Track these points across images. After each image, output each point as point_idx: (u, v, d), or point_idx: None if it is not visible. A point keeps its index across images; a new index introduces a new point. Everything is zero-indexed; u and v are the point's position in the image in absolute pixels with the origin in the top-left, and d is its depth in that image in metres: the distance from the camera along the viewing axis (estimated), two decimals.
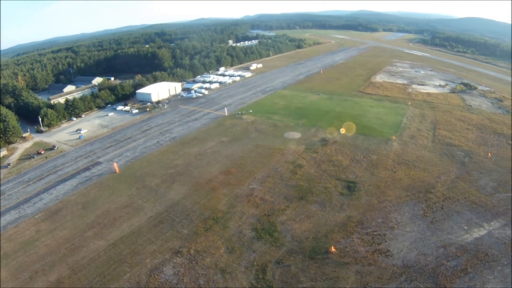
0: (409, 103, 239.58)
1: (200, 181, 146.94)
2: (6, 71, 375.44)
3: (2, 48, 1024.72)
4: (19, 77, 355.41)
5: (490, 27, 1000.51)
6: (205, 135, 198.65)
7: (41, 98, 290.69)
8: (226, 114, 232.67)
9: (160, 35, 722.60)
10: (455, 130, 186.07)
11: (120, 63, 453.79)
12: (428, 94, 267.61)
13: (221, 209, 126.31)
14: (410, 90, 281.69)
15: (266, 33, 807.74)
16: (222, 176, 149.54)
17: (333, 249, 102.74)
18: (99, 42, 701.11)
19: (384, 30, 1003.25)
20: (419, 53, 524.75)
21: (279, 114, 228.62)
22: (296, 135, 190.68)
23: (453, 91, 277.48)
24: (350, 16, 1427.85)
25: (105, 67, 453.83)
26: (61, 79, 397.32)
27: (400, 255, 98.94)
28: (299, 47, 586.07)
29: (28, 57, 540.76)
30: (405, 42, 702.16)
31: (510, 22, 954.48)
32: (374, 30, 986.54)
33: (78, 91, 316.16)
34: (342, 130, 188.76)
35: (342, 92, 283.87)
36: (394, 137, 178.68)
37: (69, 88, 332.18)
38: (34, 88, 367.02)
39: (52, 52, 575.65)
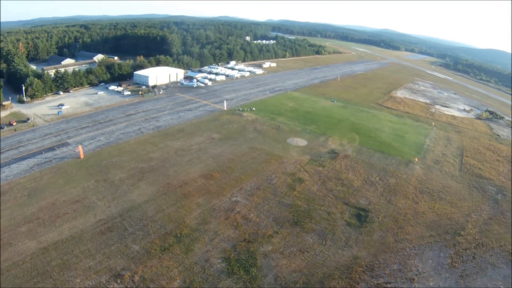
0: (433, 124, 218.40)
1: (173, 182, 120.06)
2: (10, 38, 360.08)
3: (22, 19, 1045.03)
4: (20, 44, 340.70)
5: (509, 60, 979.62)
6: (195, 128, 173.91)
7: (37, 67, 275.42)
8: (225, 108, 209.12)
9: (178, 24, 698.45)
10: (484, 160, 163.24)
11: (128, 44, 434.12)
12: (453, 117, 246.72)
13: (189, 223, 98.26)
14: (433, 110, 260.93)
15: (286, 36, 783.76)
16: (201, 180, 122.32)
17: None
18: (116, 23, 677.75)
19: (406, 49, 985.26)
20: (441, 76, 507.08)
21: (285, 116, 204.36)
22: (301, 142, 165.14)
23: (478, 117, 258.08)
24: (373, 33, 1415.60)
25: (112, 45, 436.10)
26: (64, 52, 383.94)
27: None
28: (318, 52, 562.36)
29: (43, 28, 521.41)
30: (426, 64, 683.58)
31: None
32: (396, 48, 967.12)
33: (76, 65, 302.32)
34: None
35: (358, 102, 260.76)
36: (416, 160, 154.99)
37: (68, 61, 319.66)
38: (35, 58, 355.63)
39: (67, 27, 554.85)
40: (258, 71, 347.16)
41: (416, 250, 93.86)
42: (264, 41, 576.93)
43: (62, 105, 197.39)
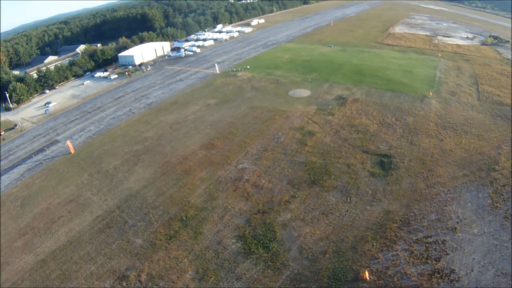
0: (440, 55, 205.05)
1: (172, 159, 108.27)
2: None
3: (4, 30, 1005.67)
4: (0, 54, 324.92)
5: None
6: (188, 98, 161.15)
7: (20, 72, 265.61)
8: (218, 72, 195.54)
9: (158, 1, 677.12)
10: (501, 86, 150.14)
11: (110, 29, 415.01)
12: (458, 46, 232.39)
13: (194, 203, 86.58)
14: (436, 41, 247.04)
15: None
16: (201, 152, 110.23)
17: (366, 275, 63.07)
18: (96, 12, 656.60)
19: None
20: (436, 7, 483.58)
21: (282, 68, 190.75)
22: (305, 92, 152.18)
23: (484, 43, 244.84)
24: None
25: (94, 34, 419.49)
26: (46, 50, 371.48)
27: (471, 279, 61.31)
28: (305, 2, 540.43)
29: (22, 34, 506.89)
30: None
31: None
32: None
33: (59, 60, 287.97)
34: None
35: (357, 43, 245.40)
36: (431, 93, 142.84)
37: (51, 58, 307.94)
38: (18, 63, 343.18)
39: (47, 26, 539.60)
40: (247, 30, 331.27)
41: (452, 194, 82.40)
42: (248, 0, 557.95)
43: (49, 103, 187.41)
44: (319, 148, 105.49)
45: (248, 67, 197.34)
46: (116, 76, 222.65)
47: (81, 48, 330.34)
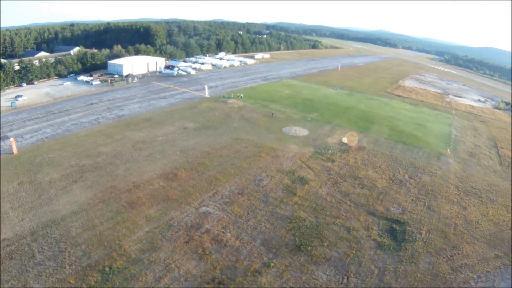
0: (454, 112, 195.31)
1: (120, 184, 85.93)
2: None
3: (18, 24, 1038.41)
4: None
5: (507, 58, 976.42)
6: (166, 116, 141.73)
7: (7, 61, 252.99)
8: (207, 95, 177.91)
9: (169, 23, 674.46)
10: None
11: (111, 38, 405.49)
12: (472, 106, 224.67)
13: (127, 250, 63.32)
14: (448, 99, 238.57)
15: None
16: (159, 182, 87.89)
17: None
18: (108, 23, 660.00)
19: (404, 47, 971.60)
20: (445, 69, 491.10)
21: (280, 103, 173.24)
22: (302, 131, 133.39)
23: (496, 107, 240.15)
24: (369, 33, 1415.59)
25: (94, 41, 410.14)
26: (42, 47, 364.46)
27: None
28: (314, 47, 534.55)
29: (26, 27, 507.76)
30: (426, 59, 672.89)
31: None
32: (393, 46, 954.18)
33: (49, 57, 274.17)
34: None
35: (365, 90, 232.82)
36: (448, 151, 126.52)
37: (42, 54, 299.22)
38: (12, 54, 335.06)
39: (52, 26, 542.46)
40: (250, 62, 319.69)
41: (483, 283, 62.54)
42: (257, 36, 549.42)
43: (19, 96, 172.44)
44: (312, 201, 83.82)
45: (241, 95, 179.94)
46: (98, 82, 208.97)
47: (75, 50, 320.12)
